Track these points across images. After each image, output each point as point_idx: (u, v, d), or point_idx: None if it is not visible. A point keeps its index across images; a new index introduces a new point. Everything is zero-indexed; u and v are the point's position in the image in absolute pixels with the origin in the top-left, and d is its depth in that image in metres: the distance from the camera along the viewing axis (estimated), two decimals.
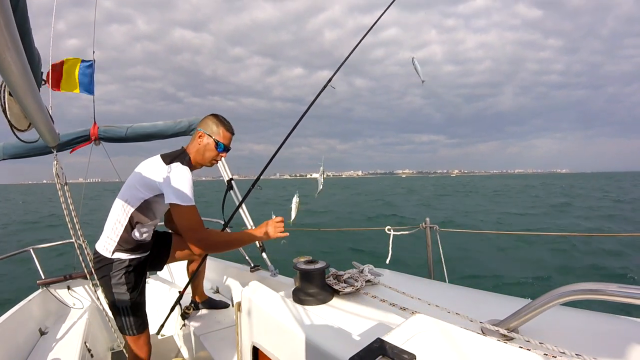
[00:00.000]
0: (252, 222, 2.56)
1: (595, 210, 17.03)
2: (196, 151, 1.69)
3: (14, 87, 0.88)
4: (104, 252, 1.61)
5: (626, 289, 0.66)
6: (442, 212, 17.64)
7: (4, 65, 0.70)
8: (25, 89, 0.91)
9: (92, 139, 2.55)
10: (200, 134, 1.69)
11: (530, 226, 12.41)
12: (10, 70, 0.74)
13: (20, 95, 0.95)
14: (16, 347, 2.00)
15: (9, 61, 0.70)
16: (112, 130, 2.58)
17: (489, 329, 0.88)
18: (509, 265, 6.76)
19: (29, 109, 1.12)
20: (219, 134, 1.70)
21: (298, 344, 0.96)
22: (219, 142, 1.69)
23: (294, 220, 1.65)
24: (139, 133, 2.58)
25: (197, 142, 1.69)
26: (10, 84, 0.85)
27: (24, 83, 0.87)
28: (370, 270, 1.47)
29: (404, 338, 0.79)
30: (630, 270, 6.28)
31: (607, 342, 0.83)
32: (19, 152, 2.45)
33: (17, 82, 0.83)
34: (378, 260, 1.79)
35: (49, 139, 1.76)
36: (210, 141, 1.68)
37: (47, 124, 1.47)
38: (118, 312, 1.65)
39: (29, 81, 0.89)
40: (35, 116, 1.24)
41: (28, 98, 1.00)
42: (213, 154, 1.71)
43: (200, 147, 1.69)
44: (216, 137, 1.69)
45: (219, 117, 1.73)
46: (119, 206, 1.60)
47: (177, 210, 1.48)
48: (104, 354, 2.61)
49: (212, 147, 1.69)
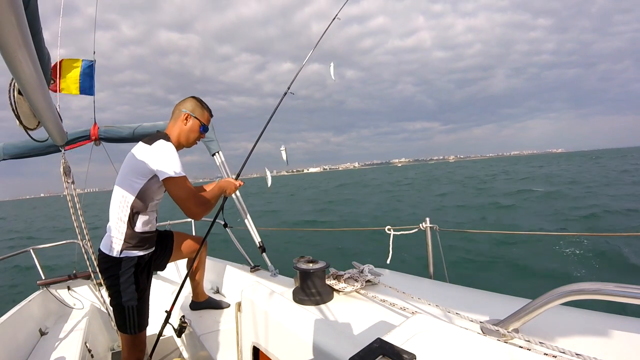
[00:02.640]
0: (252, 222, 2.57)
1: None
2: (181, 132, 1.73)
3: (24, 86, 0.88)
4: (111, 252, 1.61)
5: (626, 288, 0.66)
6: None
7: (15, 63, 0.70)
8: (36, 87, 0.91)
9: (93, 139, 2.55)
10: (187, 116, 1.73)
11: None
12: (21, 68, 0.74)
13: (30, 94, 0.96)
14: (16, 347, 2.00)
15: (20, 60, 0.70)
16: (112, 130, 2.58)
17: (489, 329, 0.88)
18: (509, 265, 6.76)
19: (39, 108, 1.12)
20: (202, 115, 1.77)
21: (298, 344, 0.96)
22: (203, 123, 1.77)
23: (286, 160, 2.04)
24: (140, 133, 2.59)
25: (183, 124, 1.73)
26: (20, 83, 0.85)
27: (35, 82, 0.87)
28: (370, 270, 1.47)
29: (404, 338, 0.79)
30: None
31: (607, 342, 0.83)
32: (20, 152, 2.45)
33: (28, 80, 0.84)
34: (378, 261, 1.79)
35: (58, 137, 1.77)
36: (195, 122, 1.75)
37: (56, 122, 1.48)
38: (123, 312, 1.64)
39: (40, 80, 0.89)
40: (45, 115, 1.24)
41: (38, 96, 1.01)
42: (196, 135, 1.78)
43: (185, 129, 1.73)
44: (200, 117, 1.76)
45: (201, 100, 1.80)
46: (117, 204, 1.61)
47: (171, 182, 1.52)
48: (104, 354, 2.61)
49: (197, 128, 1.76)
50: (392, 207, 16.76)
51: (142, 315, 1.69)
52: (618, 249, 6.94)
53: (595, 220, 9.94)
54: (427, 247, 2.06)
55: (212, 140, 2.55)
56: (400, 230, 2.09)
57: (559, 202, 13.38)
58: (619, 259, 6.60)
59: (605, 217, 10.10)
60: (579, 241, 7.80)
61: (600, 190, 16.05)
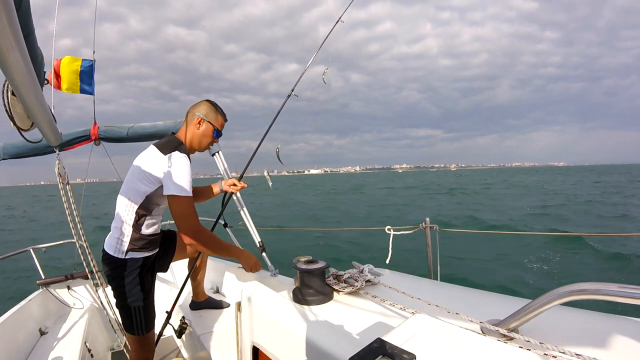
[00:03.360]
0: (252, 222, 2.56)
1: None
2: (193, 136, 1.70)
3: (17, 87, 0.87)
4: (116, 253, 1.60)
5: (626, 289, 0.66)
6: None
7: (7, 64, 0.70)
8: (29, 88, 0.91)
9: (93, 139, 2.55)
10: (200, 120, 1.69)
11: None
12: (13, 69, 0.74)
13: (23, 95, 0.95)
14: (16, 347, 2.00)
15: (13, 61, 0.70)
16: (112, 130, 2.58)
17: (489, 329, 0.88)
18: (510, 265, 6.76)
19: (32, 109, 1.12)
20: (216, 120, 1.74)
21: (298, 344, 0.96)
22: (216, 128, 1.74)
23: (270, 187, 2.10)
24: (140, 133, 2.58)
25: (196, 128, 1.69)
26: (13, 84, 0.84)
27: (28, 83, 0.86)
28: (370, 270, 1.47)
29: (404, 338, 0.79)
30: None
31: (607, 342, 0.83)
32: (19, 152, 2.45)
33: (21, 81, 0.83)
34: (378, 260, 1.79)
35: (52, 138, 1.76)
36: (209, 127, 1.71)
37: (50, 123, 1.47)
38: (130, 313, 1.63)
39: (33, 81, 0.89)
40: (38, 115, 1.24)
41: (31, 97, 1.00)
42: (209, 140, 1.75)
43: (198, 133, 1.70)
44: (214, 122, 1.72)
45: (215, 104, 1.76)
46: (124, 206, 1.60)
47: (173, 200, 1.50)
48: (104, 354, 2.61)
49: (210, 133, 1.73)
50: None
51: (148, 315, 1.68)
52: (618, 249, 6.94)
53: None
54: (427, 247, 2.06)
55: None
56: (400, 230, 2.09)
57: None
58: (619, 259, 6.60)
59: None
60: (578, 241, 7.79)
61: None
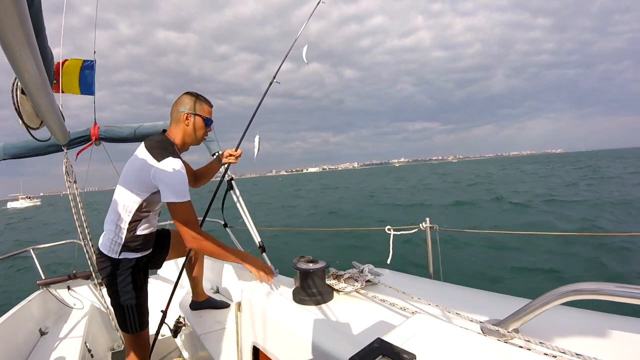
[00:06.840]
0: (252, 221, 2.56)
1: None
2: (184, 133, 1.68)
3: (27, 85, 0.87)
4: (110, 253, 1.61)
5: (626, 288, 0.66)
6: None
7: (18, 63, 0.69)
8: (39, 87, 0.91)
9: (93, 139, 2.56)
10: (186, 115, 1.66)
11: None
12: (24, 68, 0.73)
13: (33, 94, 0.95)
14: (16, 347, 2.00)
15: (24, 59, 0.69)
16: (112, 130, 2.58)
17: (489, 329, 0.88)
18: (510, 265, 6.75)
19: (42, 107, 1.12)
20: (202, 109, 1.70)
21: (298, 344, 0.96)
22: (205, 117, 1.70)
23: (256, 156, 2.05)
24: (141, 133, 2.59)
25: (185, 124, 1.67)
26: (24, 82, 0.84)
27: (38, 81, 0.86)
28: (370, 270, 1.47)
29: (404, 338, 0.79)
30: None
31: (607, 342, 0.83)
32: (19, 152, 2.45)
33: (32, 80, 0.83)
34: (378, 260, 1.79)
35: (60, 137, 1.77)
36: (198, 119, 1.68)
37: (59, 122, 1.47)
38: (123, 311, 1.65)
39: (43, 79, 0.89)
40: (48, 114, 1.24)
41: (41, 96, 1.00)
42: (203, 131, 1.72)
43: (188, 129, 1.68)
44: (201, 113, 1.69)
45: (196, 94, 1.72)
46: (118, 209, 1.60)
47: (174, 207, 1.50)
48: (104, 354, 2.61)
49: (201, 124, 1.70)
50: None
51: (141, 313, 1.69)
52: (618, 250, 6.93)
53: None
54: (427, 247, 2.06)
55: (212, 140, 2.55)
56: (400, 230, 2.09)
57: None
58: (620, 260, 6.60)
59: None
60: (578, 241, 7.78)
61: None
